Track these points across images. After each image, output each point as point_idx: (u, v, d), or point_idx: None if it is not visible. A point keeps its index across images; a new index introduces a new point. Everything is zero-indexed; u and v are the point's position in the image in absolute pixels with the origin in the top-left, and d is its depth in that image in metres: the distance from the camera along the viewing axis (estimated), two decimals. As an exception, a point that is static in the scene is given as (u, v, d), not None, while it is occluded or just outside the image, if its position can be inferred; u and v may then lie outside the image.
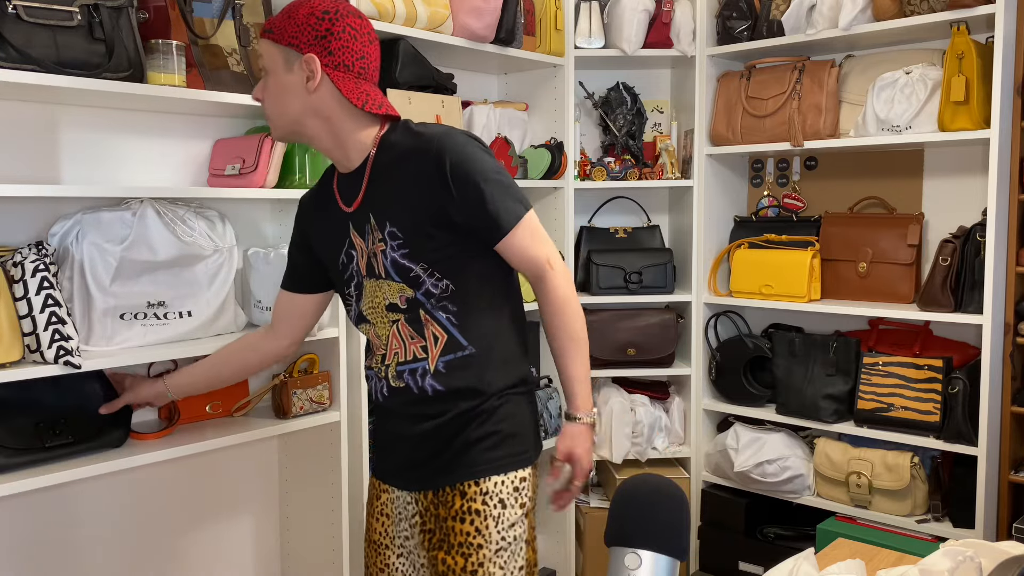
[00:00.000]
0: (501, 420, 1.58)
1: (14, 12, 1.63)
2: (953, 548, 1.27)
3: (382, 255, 1.57)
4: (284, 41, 1.55)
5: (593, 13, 2.89)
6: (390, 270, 1.56)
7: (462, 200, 1.51)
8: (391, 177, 1.56)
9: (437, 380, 1.57)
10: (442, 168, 1.50)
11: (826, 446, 2.79)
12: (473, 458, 1.57)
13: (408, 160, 1.54)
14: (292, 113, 1.57)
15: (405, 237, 1.54)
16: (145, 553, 2.20)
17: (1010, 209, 2.51)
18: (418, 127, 1.59)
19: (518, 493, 1.58)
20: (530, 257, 1.56)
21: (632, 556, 1.00)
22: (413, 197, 1.53)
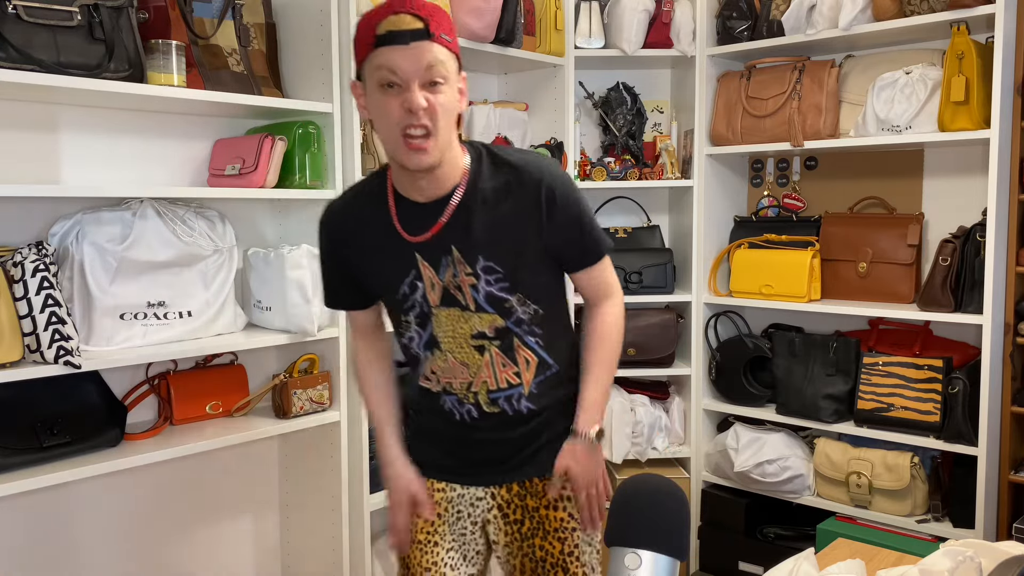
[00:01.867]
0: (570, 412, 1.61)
1: (14, 12, 1.63)
2: (953, 548, 1.27)
3: (471, 289, 1.50)
4: (456, 49, 1.42)
5: (593, 13, 2.89)
6: (482, 303, 1.51)
7: (560, 228, 1.49)
8: (485, 211, 1.47)
9: (531, 401, 1.59)
10: (546, 199, 1.47)
11: (826, 446, 2.79)
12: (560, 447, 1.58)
13: (507, 194, 1.47)
14: (448, 137, 1.42)
15: (505, 271, 1.49)
16: (145, 553, 2.20)
17: (1010, 209, 2.51)
18: (505, 156, 1.50)
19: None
20: (607, 282, 1.61)
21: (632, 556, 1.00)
22: (514, 231, 1.48)
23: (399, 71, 1.36)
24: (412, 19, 1.37)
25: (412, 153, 1.38)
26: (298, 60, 2.24)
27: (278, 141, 2.08)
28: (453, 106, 1.42)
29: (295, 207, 2.31)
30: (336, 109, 2.18)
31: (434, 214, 1.48)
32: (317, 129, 2.16)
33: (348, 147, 2.20)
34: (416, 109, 1.36)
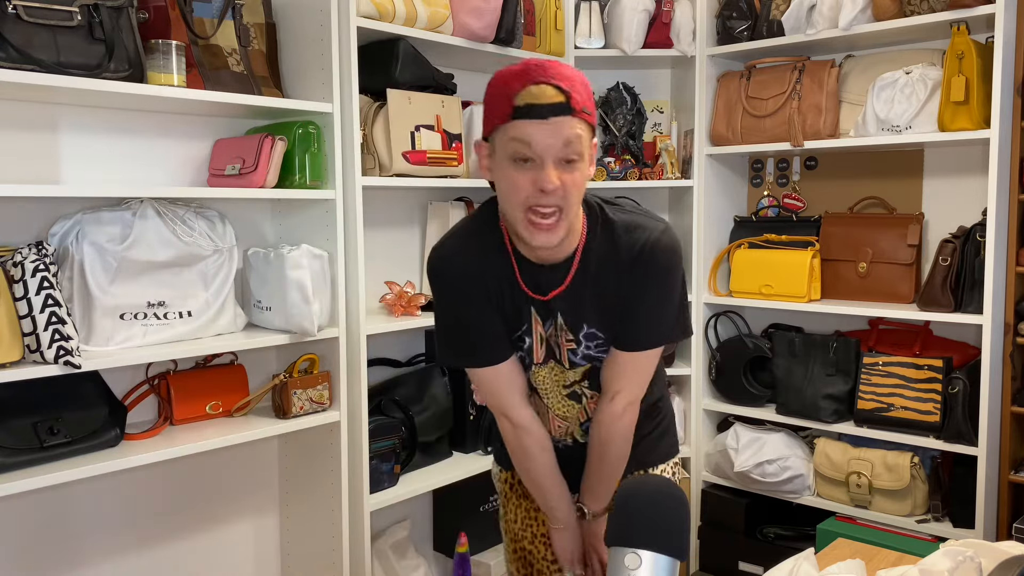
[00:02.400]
0: (658, 423, 1.70)
1: (14, 12, 1.63)
2: (953, 548, 1.27)
3: (570, 352, 1.50)
4: (594, 122, 1.36)
5: (593, 13, 2.89)
6: (578, 362, 1.52)
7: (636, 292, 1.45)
8: (594, 280, 1.45)
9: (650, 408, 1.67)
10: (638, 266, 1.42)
11: (826, 446, 2.79)
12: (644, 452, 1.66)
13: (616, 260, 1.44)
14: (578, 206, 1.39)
15: (606, 336, 1.48)
16: (145, 553, 2.20)
17: (1010, 209, 2.51)
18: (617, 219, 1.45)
19: (675, 474, 1.74)
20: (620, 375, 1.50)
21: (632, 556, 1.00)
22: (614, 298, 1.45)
23: (535, 147, 1.29)
24: (554, 92, 1.29)
25: (537, 232, 1.34)
26: (298, 60, 2.24)
27: (278, 141, 2.08)
28: (584, 183, 1.36)
29: (295, 207, 2.31)
30: (336, 109, 2.18)
31: (552, 276, 1.45)
32: (317, 129, 2.16)
33: (348, 147, 2.20)
34: (549, 190, 1.30)
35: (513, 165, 1.32)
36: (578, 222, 1.43)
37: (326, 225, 2.23)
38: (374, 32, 2.26)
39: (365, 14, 2.19)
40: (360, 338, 2.24)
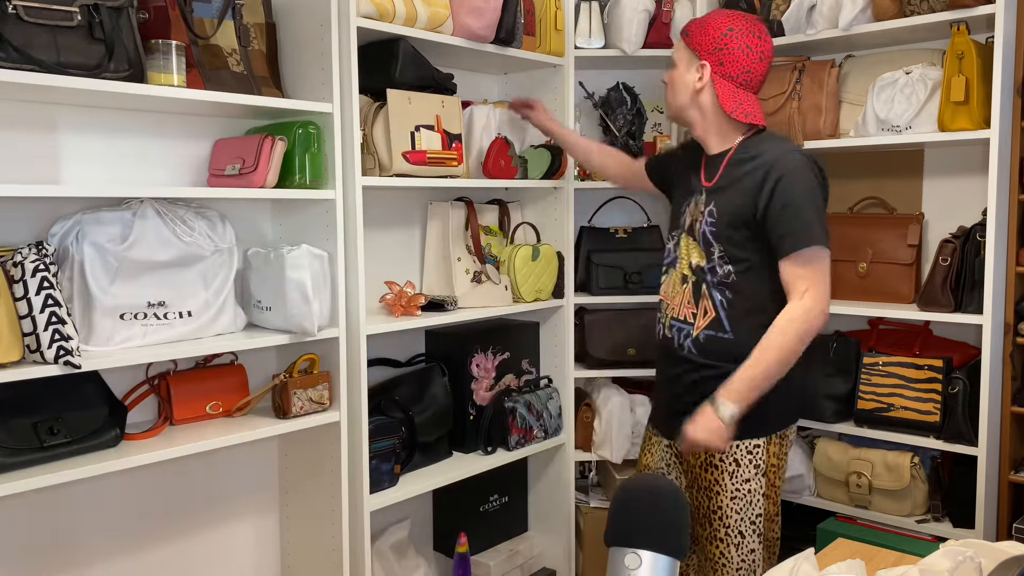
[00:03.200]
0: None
1: (14, 12, 1.63)
2: (953, 548, 1.27)
3: (700, 223, 1.98)
4: (692, 44, 1.96)
5: (593, 13, 2.89)
6: (699, 237, 1.98)
7: (771, 209, 1.84)
8: (731, 176, 1.94)
9: (695, 346, 1.97)
10: (769, 179, 1.84)
11: (826, 446, 2.79)
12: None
13: (747, 168, 1.90)
14: (680, 102, 2.02)
15: (716, 220, 1.94)
16: (144, 553, 2.20)
17: (1010, 209, 2.51)
18: (768, 142, 1.93)
19: (752, 456, 1.93)
20: (796, 279, 1.85)
21: (632, 556, 1.00)
22: (737, 196, 1.90)
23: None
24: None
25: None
26: (298, 60, 2.24)
27: (278, 141, 2.08)
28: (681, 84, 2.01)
29: (295, 207, 2.31)
30: (336, 109, 2.18)
31: (713, 168, 2.00)
32: (317, 129, 2.16)
33: (348, 147, 2.20)
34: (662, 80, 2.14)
35: None
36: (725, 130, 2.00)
37: (326, 225, 2.23)
38: (374, 32, 2.26)
39: (365, 14, 2.19)
40: (360, 338, 2.24)
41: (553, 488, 2.98)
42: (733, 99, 1.94)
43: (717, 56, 1.93)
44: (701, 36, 1.94)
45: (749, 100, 1.96)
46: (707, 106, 1.98)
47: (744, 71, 1.94)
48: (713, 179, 1.98)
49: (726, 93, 1.94)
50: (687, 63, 1.98)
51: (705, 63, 1.94)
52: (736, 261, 1.92)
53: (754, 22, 1.94)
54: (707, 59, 1.94)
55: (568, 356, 2.90)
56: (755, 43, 1.93)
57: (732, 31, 1.92)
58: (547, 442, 2.83)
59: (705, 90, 1.96)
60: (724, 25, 1.93)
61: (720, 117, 1.98)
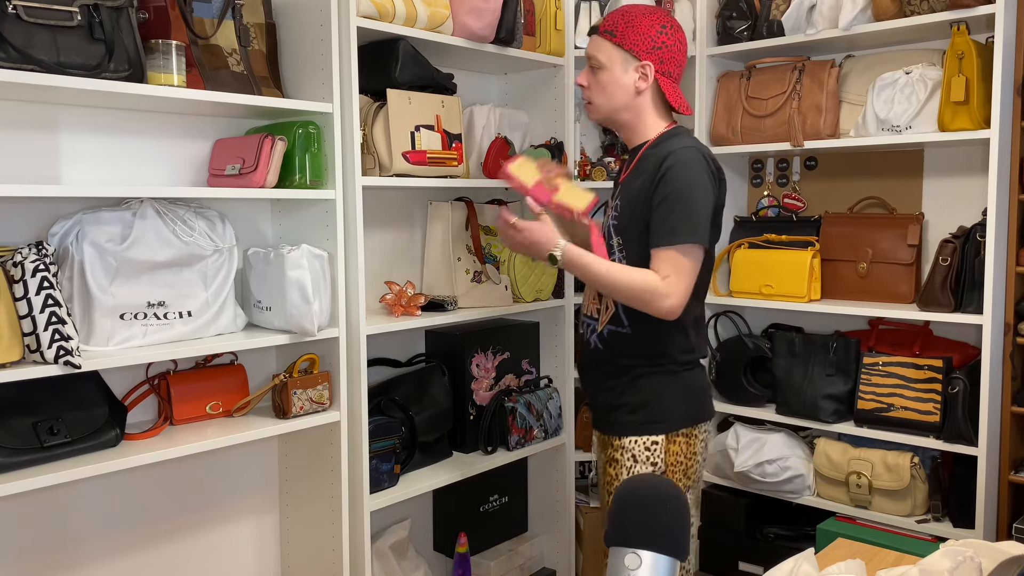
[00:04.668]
0: (641, 391, 1.91)
1: (14, 12, 1.63)
2: (953, 548, 1.27)
3: (608, 218, 1.97)
4: (626, 45, 1.90)
5: (593, 13, 2.89)
6: (605, 231, 1.96)
7: (656, 198, 1.82)
8: (640, 168, 1.91)
9: (601, 343, 1.96)
10: (658, 170, 1.82)
11: (826, 446, 2.79)
12: (617, 418, 1.94)
13: (652, 160, 1.88)
14: (615, 104, 1.94)
15: (620, 213, 1.92)
16: (144, 553, 2.20)
17: (1010, 209, 2.51)
18: (677, 137, 1.91)
19: (649, 453, 1.90)
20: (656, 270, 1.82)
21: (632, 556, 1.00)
22: (637, 187, 1.89)
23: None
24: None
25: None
26: (298, 60, 2.24)
27: (278, 141, 2.08)
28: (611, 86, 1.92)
29: (295, 207, 2.31)
30: (336, 109, 2.18)
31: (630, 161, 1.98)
32: (317, 129, 2.16)
33: (348, 147, 2.20)
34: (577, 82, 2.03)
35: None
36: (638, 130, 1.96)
37: (326, 225, 2.23)
38: (374, 32, 2.26)
39: (365, 14, 2.19)
40: (360, 338, 2.24)
41: (553, 488, 2.98)
42: (675, 95, 1.93)
43: (657, 55, 1.89)
44: (635, 36, 1.89)
45: (680, 92, 1.96)
46: (645, 106, 1.93)
47: (678, 66, 1.93)
48: (627, 172, 1.97)
49: (670, 90, 1.92)
50: (622, 64, 1.91)
51: (647, 63, 1.89)
52: (632, 255, 1.89)
53: (670, 14, 1.94)
54: (648, 59, 1.89)
55: (568, 356, 2.90)
56: (682, 37, 1.92)
57: (665, 28, 1.89)
58: (547, 442, 2.83)
59: (647, 90, 1.92)
60: (656, 22, 1.89)
61: (654, 115, 1.95)
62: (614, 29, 1.90)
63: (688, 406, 1.94)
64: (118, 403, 1.96)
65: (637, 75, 1.90)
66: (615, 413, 1.94)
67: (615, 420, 1.94)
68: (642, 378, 1.92)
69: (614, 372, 1.95)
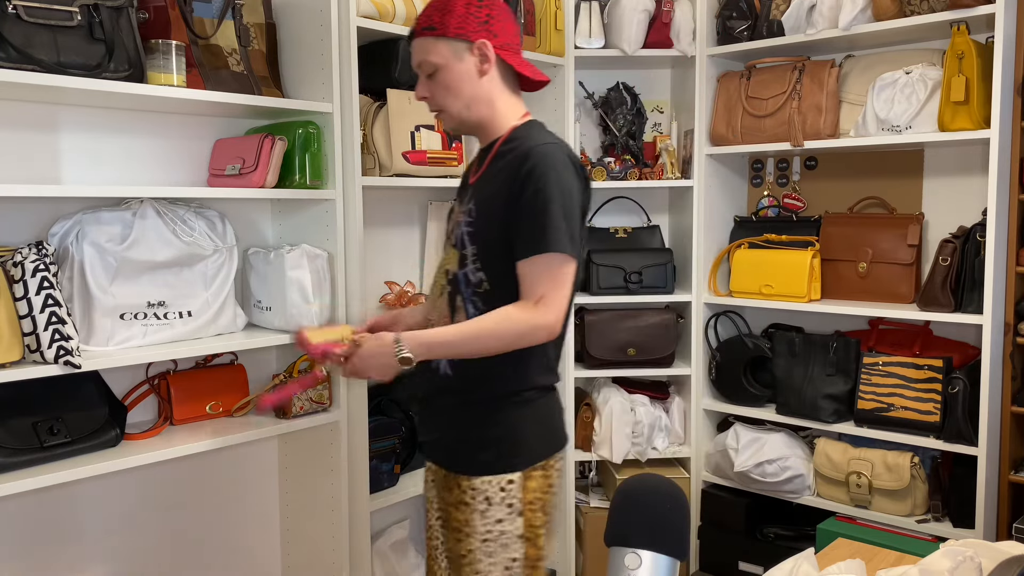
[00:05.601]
0: (495, 425, 1.64)
1: (14, 12, 1.63)
2: (953, 548, 1.27)
3: (460, 225, 1.67)
4: (451, 33, 1.64)
5: (593, 13, 2.89)
6: (456, 241, 1.67)
7: (519, 204, 1.57)
8: (495, 167, 1.66)
9: (451, 366, 1.66)
10: (519, 170, 1.57)
11: (826, 446, 2.79)
12: (468, 455, 1.65)
13: (508, 157, 1.63)
14: (465, 100, 1.67)
15: (474, 218, 1.63)
16: (144, 553, 2.20)
17: (1010, 209, 2.51)
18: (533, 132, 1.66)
19: (505, 493, 1.63)
20: (525, 287, 1.57)
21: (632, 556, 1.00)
22: (493, 188, 1.63)
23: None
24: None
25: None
26: (298, 60, 2.24)
27: (278, 141, 2.08)
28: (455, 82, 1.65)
29: (295, 207, 2.31)
30: (336, 109, 2.18)
31: (481, 160, 1.72)
32: (317, 129, 2.16)
33: (348, 147, 2.20)
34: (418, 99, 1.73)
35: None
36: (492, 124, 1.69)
37: (326, 225, 2.23)
38: (374, 32, 2.26)
39: (365, 14, 2.19)
40: (360, 338, 2.24)
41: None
42: (524, 64, 1.70)
43: (488, 29, 1.64)
44: (455, 20, 1.64)
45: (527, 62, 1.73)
46: (495, 91, 1.67)
47: (515, 35, 1.70)
48: (479, 172, 1.70)
49: (518, 61, 1.68)
50: (454, 55, 1.64)
51: (482, 41, 1.63)
52: (490, 267, 1.61)
53: None
54: (480, 36, 1.63)
55: (568, 356, 2.90)
56: (501, 3, 1.70)
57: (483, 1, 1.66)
58: (547, 442, 2.82)
59: (492, 71, 1.66)
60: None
61: (507, 101, 1.69)
62: (431, 23, 1.66)
63: (545, 437, 1.69)
64: (118, 403, 1.96)
65: (476, 58, 1.64)
66: (464, 449, 1.66)
67: (464, 457, 1.66)
68: (499, 411, 1.65)
69: (465, 402, 1.67)
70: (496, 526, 1.63)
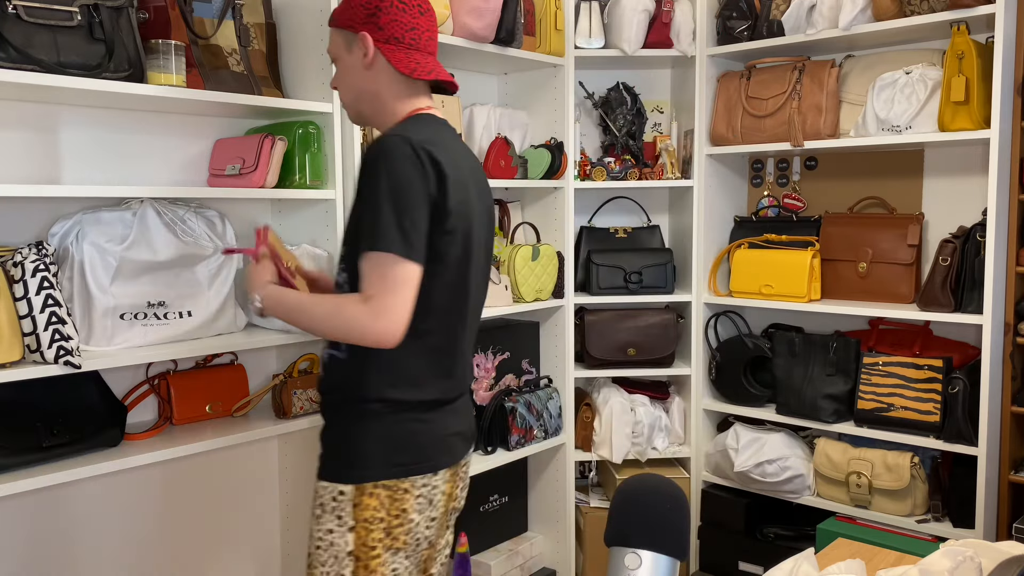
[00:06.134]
0: (340, 431, 1.59)
1: (14, 12, 1.63)
2: (953, 548, 1.27)
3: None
4: (342, 24, 1.64)
5: (593, 13, 2.89)
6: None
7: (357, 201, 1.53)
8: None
9: (323, 367, 1.63)
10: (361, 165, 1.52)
11: (826, 446, 2.79)
12: (320, 456, 1.63)
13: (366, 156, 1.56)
14: (353, 92, 1.66)
15: (348, 217, 1.59)
16: (144, 553, 2.20)
17: (1010, 209, 2.51)
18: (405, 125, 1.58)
19: (336, 504, 1.56)
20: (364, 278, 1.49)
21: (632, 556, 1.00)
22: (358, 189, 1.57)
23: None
24: None
25: None
26: (298, 60, 2.24)
27: (278, 141, 2.08)
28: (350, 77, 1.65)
29: (295, 207, 2.31)
30: (336, 109, 2.18)
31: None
32: (317, 129, 2.16)
33: (348, 147, 2.20)
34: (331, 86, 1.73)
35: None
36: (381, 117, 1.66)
37: (326, 225, 2.23)
38: (374, 32, 2.25)
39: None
40: (360, 338, 2.23)
41: (553, 488, 2.98)
42: (407, 60, 1.61)
43: (373, 22, 1.60)
44: (348, 11, 1.63)
45: (427, 60, 1.64)
46: (380, 87, 1.63)
47: (409, 29, 1.61)
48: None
49: (398, 56, 1.60)
50: (346, 48, 1.64)
51: (363, 34, 1.60)
52: (350, 267, 1.56)
53: None
54: (364, 29, 1.61)
55: (568, 356, 2.90)
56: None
57: None
58: (547, 442, 2.83)
59: (374, 65, 1.61)
60: None
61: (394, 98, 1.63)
62: (333, 14, 1.67)
63: (392, 456, 1.55)
64: (118, 403, 1.96)
65: (361, 52, 1.61)
66: (320, 449, 1.63)
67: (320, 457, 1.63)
68: (342, 418, 1.59)
69: (324, 403, 1.64)
70: (327, 536, 1.57)
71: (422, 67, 1.61)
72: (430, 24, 1.65)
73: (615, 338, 2.95)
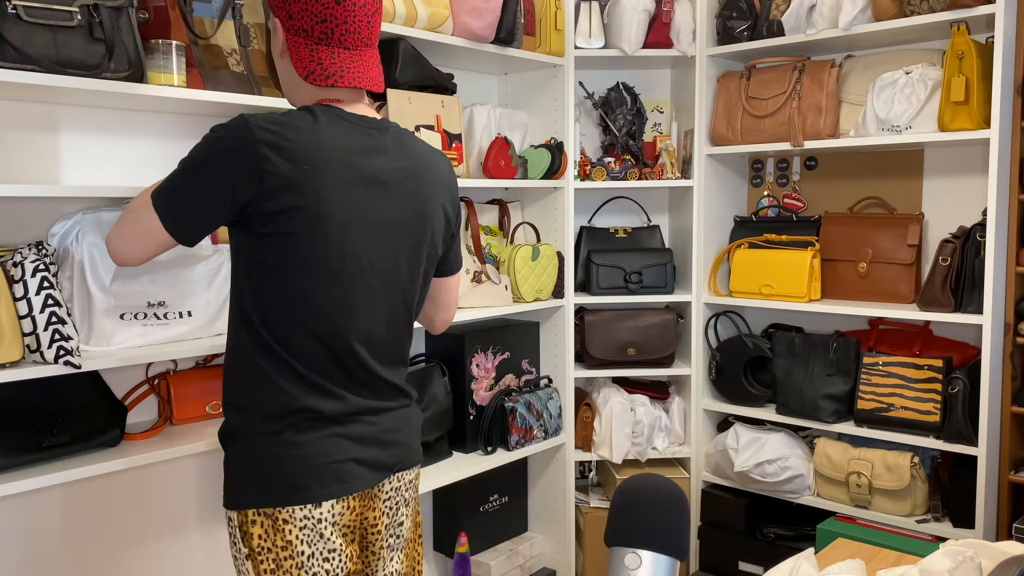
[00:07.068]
0: (226, 452, 1.50)
1: (14, 12, 1.62)
2: (953, 548, 1.27)
3: None
4: (270, 4, 1.51)
5: (593, 13, 2.89)
6: None
7: None
8: None
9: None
10: None
11: (826, 446, 2.79)
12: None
13: None
14: (280, 77, 1.55)
15: None
16: (144, 553, 2.20)
17: (1010, 209, 2.51)
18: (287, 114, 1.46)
19: (231, 528, 1.47)
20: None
21: (632, 556, 1.00)
22: None
23: None
24: None
25: None
26: (298, 60, 2.24)
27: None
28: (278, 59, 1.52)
29: (295, 207, 2.30)
30: (336, 109, 2.18)
31: None
32: (317, 129, 2.16)
33: (348, 147, 2.20)
34: None
35: None
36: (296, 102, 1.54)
37: (326, 225, 2.22)
38: (374, 32, 2.25)
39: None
40: (360, 338, 2.23)
41: (553, 488, 2.98)
42: (309, 59, 1.45)
43: (285, 8, 1.46)
44: None
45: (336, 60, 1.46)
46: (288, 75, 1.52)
47: (319, 21, 1.43)
48: None
49: (300, 53, 1.46)
50: (273, 30, 1.51)
51: (275, 20, 1.48)
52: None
53: None
54: (277, 15, 1.47)
55: (568, 356, 2.90)
56: None
57: None
58: (547, 442, 2.83)
59: (283, 55, 1.50)
60: None
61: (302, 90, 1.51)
62: None
63: (262, 484, 1.42)
64: (118, 403, 1.96)
65: (277, 39, 1.50)
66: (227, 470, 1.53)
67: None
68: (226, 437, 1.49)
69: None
70: (236, 562, 1.48)
71: (323, 70, 1.45)
72: (348, 16, 1.44)
73: (615, 338, 2.95)
